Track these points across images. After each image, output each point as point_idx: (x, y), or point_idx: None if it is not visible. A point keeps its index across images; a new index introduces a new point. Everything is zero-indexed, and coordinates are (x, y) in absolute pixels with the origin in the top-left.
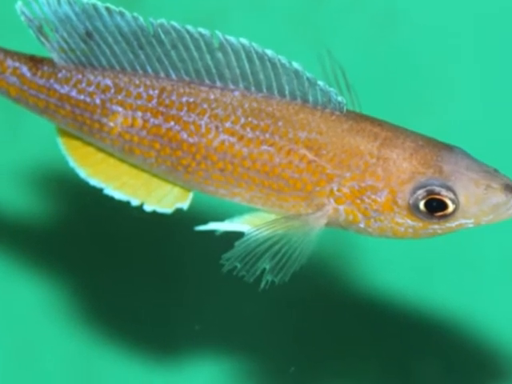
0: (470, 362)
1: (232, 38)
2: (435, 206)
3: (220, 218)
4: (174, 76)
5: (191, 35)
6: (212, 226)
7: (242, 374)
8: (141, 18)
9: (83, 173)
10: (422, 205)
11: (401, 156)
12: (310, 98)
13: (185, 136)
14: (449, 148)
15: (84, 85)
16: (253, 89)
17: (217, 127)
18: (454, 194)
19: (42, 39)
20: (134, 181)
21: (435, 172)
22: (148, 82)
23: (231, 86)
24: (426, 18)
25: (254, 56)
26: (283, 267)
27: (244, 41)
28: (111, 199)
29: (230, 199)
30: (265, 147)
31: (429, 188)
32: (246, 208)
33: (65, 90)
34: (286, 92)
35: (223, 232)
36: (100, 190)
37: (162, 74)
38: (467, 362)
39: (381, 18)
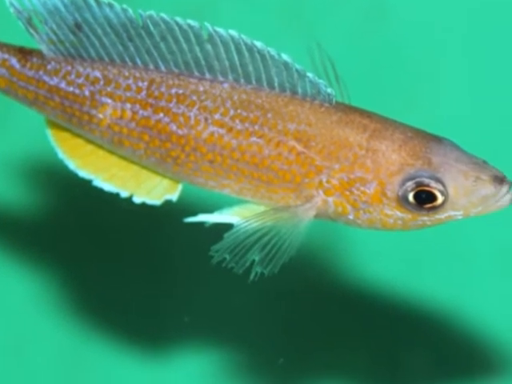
0: (459, 354)
1: (221, 30)
2: (424, 198)
3: (209, 209)
4: (163, 68)
5: (180, 27)
6: (201, 217)
7: (231, 365)
8: (130, 10)
9: (72, 164)
10: (411, 196)
11: (390, 148)
12: (300, 90)
13: (174, 128)
14: (438, 140)
15: (73, 76)
16: (242, 81)
17: (206, 119)
18: (443, 185)
19: (31, 31)
20: (123, 172)
21: (424, 164)
22: (137, 74)
23: (220, 78)
24: (415, 11)
25: (244, 48)
26: (272, 259)
27: (233, 33)
28: (100, 191)
29: (220, 191)
30: (254, 139)
31: (418, 180)
32: (235, 200)
33: (54, 81)
34: (276, 84)
35: (212, 224)
36: (89, 182)
37: (152, 66)
38: (456, 353)
39: (370, 11)
